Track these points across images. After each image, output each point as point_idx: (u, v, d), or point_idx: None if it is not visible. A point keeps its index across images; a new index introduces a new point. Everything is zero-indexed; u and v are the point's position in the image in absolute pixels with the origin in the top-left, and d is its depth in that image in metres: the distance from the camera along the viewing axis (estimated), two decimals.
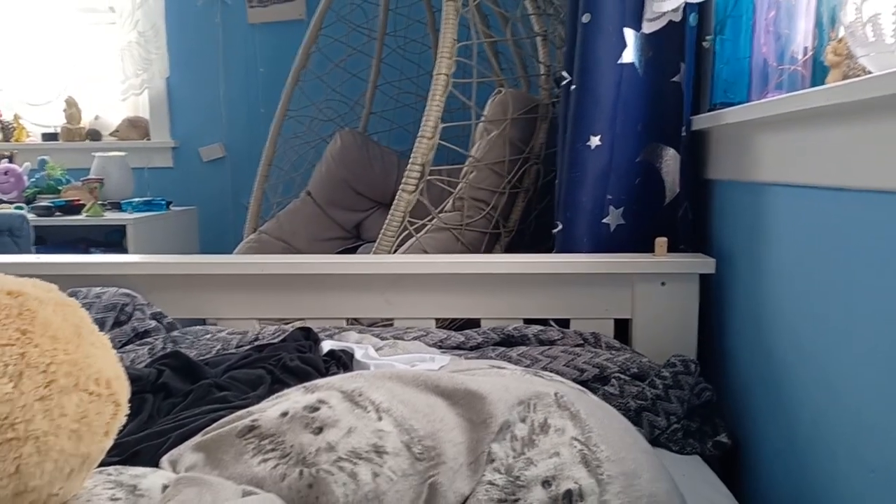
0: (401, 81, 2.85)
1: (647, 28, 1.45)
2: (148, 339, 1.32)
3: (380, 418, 0.76)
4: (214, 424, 0.81)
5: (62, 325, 0.62)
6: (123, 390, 0.67)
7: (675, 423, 1.19)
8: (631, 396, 1.19)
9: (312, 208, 2.64)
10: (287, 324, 1.44)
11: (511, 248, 1.93)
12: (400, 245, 1.75)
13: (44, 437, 0.58)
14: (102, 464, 0.69)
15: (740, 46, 1.31)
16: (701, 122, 1.43)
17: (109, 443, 0.66)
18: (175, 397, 1.00)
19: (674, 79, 1.47)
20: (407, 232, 1.74)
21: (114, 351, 0.68)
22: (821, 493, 0.96)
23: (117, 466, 0.72)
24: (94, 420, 0.62)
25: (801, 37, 1.19)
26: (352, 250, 2.58)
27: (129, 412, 0.69)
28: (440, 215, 1.81)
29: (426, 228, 1.78)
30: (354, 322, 1.54)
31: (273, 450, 0.74)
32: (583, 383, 1.20)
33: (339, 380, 0.83)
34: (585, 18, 1.45)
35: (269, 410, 0.79)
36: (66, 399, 0.60)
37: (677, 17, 1.44)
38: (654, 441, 1.17)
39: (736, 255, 1.31)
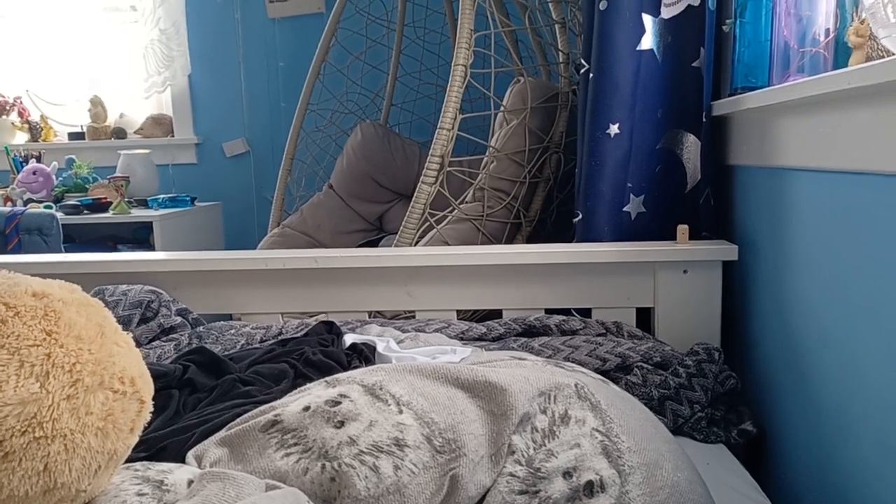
0: (421, 72, 2.85)
1: (666, 13, 1.43)
2: (174, 335, 1.34)
3: (400, 412, 0.77)
4: (238, 419, 0.82)
5: (86, 325, 0.64)
6: (147, 388, 0.68)
7: (698, 411, 1.18)
8: (654, 385, 1.18)
9: (335, 201, 2.66)
10: (310, 318, 1.45)
11: (533, 238, 1.93)
12: (421, 237, 1.75)
13: (71, 436, 0.59)
14: (130, 459, 0.71)
15: (761, 29, 1.28)
16: (722, 107, 1.41)
17: (135, 439, 0.67)
18: (200, 392, 1.01)
19: (694, 64, 1.45)
20: (428, 224, 1.74)
21: (137, 349, 0.69)
22: (847, 481, 0.95)
23: (144, 462, 0.74)
24: (119, 417, 0.64)
25: (823, 18, 1.17)
26: (374, 242, 2.59)
27: (154, 408, 0.70)
28: (461, 206, 1.81)
29: (447, 220, 1.78)
30: (377, 315, 1.55)
31: (296, 444, 0.75)
32: (605, 373, 1.19)
33: (360, 374, 0.84)
34: (602, 5, 1.44)
35: (291, 405, 0.80)
36: (92, 397, 0.61)
37: (696, 1, 1.42)
38: (678, 430, 1.17)
39: (759, 241, 1.30)
